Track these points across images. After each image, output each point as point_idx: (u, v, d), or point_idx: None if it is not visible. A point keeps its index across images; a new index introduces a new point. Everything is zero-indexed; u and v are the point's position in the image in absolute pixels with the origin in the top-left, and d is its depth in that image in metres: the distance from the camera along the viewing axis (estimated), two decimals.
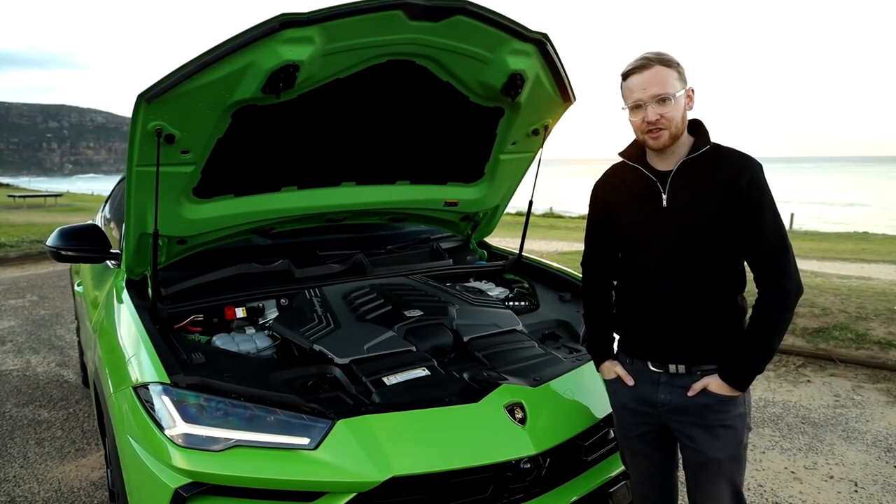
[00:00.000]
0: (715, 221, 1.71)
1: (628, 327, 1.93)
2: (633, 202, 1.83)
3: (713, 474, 1.82)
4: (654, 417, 1.88)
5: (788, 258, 1.70)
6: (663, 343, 1.82)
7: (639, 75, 1.71)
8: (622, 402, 1.95)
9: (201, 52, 1.94)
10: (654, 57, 1.71)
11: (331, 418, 1.86)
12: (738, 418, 1.80)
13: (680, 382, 1.81)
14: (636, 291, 1.86)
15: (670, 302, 1.78)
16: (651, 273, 1.81)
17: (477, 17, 2.18)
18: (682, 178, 1.75)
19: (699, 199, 1.72)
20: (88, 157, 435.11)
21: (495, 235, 3.75)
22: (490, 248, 3.65)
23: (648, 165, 1.81)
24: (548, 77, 2.56)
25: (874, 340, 5.04)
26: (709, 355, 1.78)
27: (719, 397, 1.76)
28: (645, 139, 1.75)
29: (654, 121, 1.69)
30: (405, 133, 2.72)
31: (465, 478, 1.87)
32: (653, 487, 1.99)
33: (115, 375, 2.16)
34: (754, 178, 1.68)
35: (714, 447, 1.79)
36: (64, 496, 3.09)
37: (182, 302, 2.54)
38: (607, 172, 1.96)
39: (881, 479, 3.25)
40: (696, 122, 1.80)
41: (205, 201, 2.52)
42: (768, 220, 1.69)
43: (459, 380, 2.13)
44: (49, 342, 5.73)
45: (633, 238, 1.84)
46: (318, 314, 2.49)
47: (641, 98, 1.70)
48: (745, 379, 1.74)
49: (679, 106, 1.70)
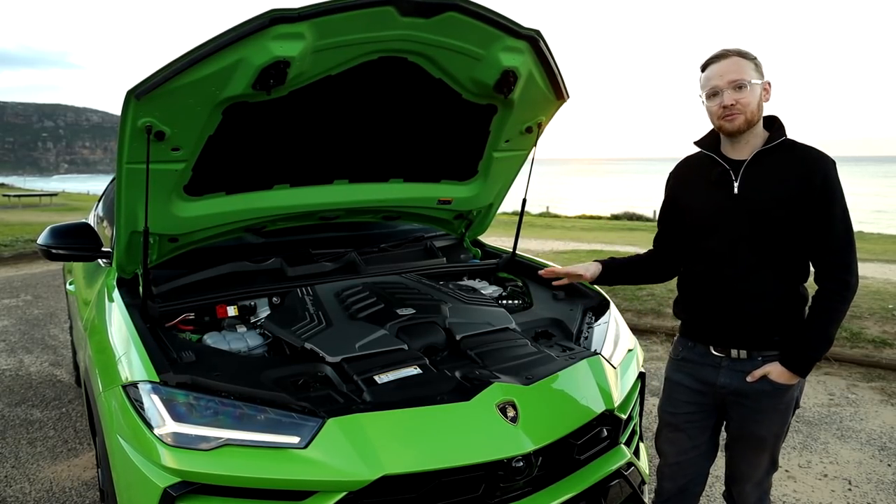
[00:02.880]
0: (785, 211, 1.79)
1: (692, 311, 2.02)
2: (704, 188, 1.93)
3: (755, 447, 1.95)
4: (710, 398, 1.99)
5: (852, 255, 1.80)
6: (726, 327, 1.90)
7: (717, 64, 1.81)
8: (680, 380, 2.04)
9: (191, 48, 1.93)
10: (732, 49, 1.82)
11: (321, 417, 1.85)
12: (789, 402, 1.91)
13: (741, 367, 1.90)
14: (702, 274, 1.95)
15: (735, 286, 1.86)
16: (718, 256, 1.89)
17: (469, 13, 2.17)
18: (756, 167, 1.84)
19: (771, 189, 1.81)
20: (84, 157, 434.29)
21: (490, 234, 3.74)
22: (484, 246, 3.64)
23: (722, 154, 1.89)
24: (541, 74, 2.55)
25: (869, 339, 5.05)
26: (770, 342, 1.87)
27: (776, 384, 1.86)
28: (721, 124, 1.83)
29: (729, 105, 1.77)
30: (398, 131, 2.71)
31: (457, 476, 1.85)
32: (683, 472, 2.08)
33: (105, 374, 2.15)
34: (828, 175, 1.77)
35: (761, 427, 1.91)
36: (55, 496, 3.07)
37: (173, 300, 2.52)
38: (682, 161, 2.09)
39: (875, 477, 3.25)
40: (773, 118, 1.89)
41: (196, 199, 2.50)
42: (837, 217, 1.78)
43: (451, 378, 2.12)
44: (42, 342, 5.71)
45: (703, 222, 1.93)
46: (309, 312, 2.48)
47: (718, 84, 1.79)
48: (807, 366, 1.84)
49: (755, 94, 1.79)
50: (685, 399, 2.03)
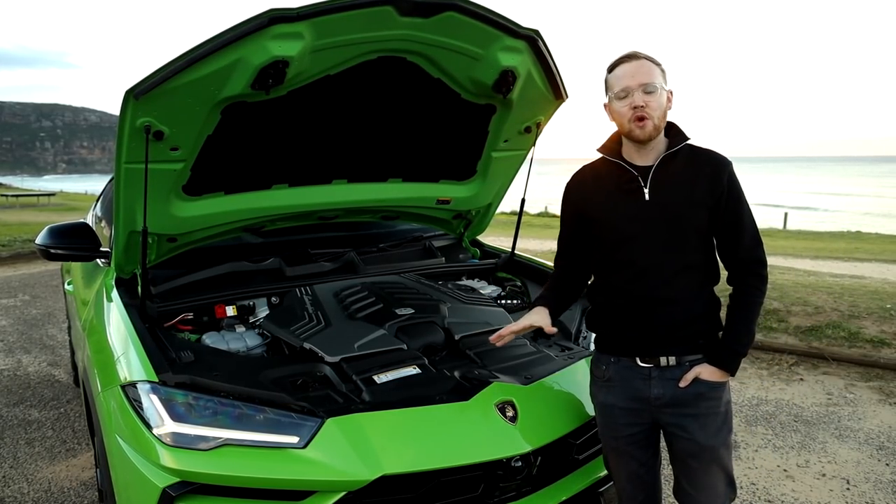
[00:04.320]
0: (699, 213, 1.78)
1: (611, 324, 1.93)
2: (613, 197, 1.86)
3: (707, 462, 1.85)
4: (646, 414, 1.89)
5: (763, 248, 1.84)
6: (653, 335, 1.84)
7: (627, 65, 1.78)
8: (612, 402, 1.93)
9: (190, 47, 1.93)
10: (641, 53, 1.80)
11: (320, 417, 1.85)
12: (727, 404, 1.87)
13: (671, 375, 1.84)
14: (622, 286, 1.86)
15: (659, 293, 1.81)
16: (638, 266, 1.82)
17: (468, 13, 2.17)
18: (663, 172, 1.81)
19: (684, 192, 1.79)
20: (82, 157, 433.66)
21: (488, 234, 3.74)
22: (483, 246, 3.64)
23: (627, 161, 1.85)
24: (539, 74, 2.56)
25: (867, 339, 5.06)
26: (695, 345, 1.85)
27: (711, 384, 1.82)
28: (630, 128, 1.77)
29: (641, 105, 1.73)
30: (397, 130, 2.71)
31: (456, 476, 1.85)
32: (640, 487, 1.99)
33: (104, 374, 2.15)
34: (732, 176, 1.80)
35: (708, 434, 1.83)
36: (54, 496, 3.07)
37: (172, 300, 2.52)
38: (579, 172, 2.00)
39: (873, 476, 3.25)
40: (671, 124, 1.87)
41: (195, 199, 2.50)
42: (745, 214, 1.81)
43: (450, 378, 2.12)
44: (40, 342, 5.70)
45: (617, 232, 1.85)
46: (308, 312, 2.48)
47: (629, 85, 1.75)
48: (736, 362, 1.83)
49: (662, 100, 1.77)
50: (623, 421, 1.91)
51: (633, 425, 1.92)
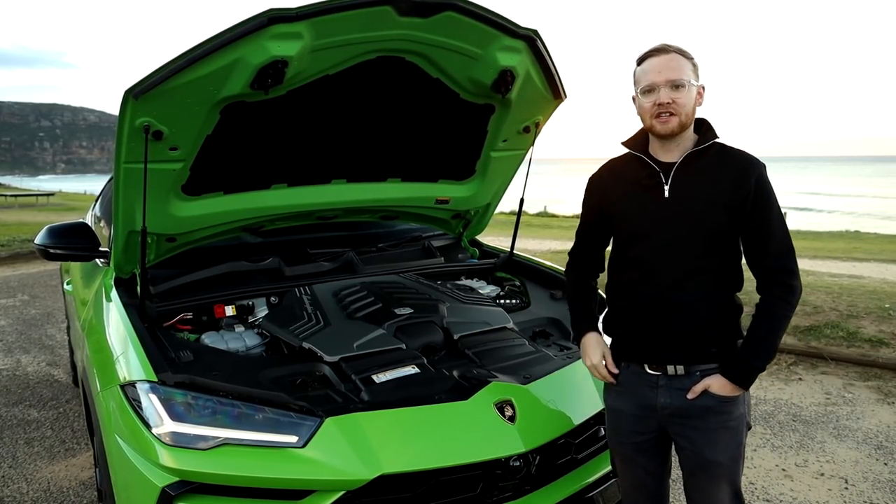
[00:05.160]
0: (722, 212, 1.68)
1: (620, 327, 1.85)
2: (632, 192, 1.79)
3: (713, 476, 1.77)
4: (653, 423, 1.82)
5: (794, 257, 1.70)
6: (659, 341, 1.75)
7: (656, 58, 1.69)
8: (620, 407, 1.87)
9: (189, 47, 1.93)
10: (672, 45, 1.70)
11: (319, 416, 1.85)
12: (739, 419, 1.76)
13: (679, 384, 1.75)
14: (629, 285, 1.80)
15: (667, 296, 1.73)
16: (648, 265, 1.75)
17: (467, 13, 2.17)
18: (687, 169, 1.72)
19: (705, 191, 1.70)
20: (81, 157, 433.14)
21: (487, 234, 3.74)
22: (482, 246, 3.65)
23: (651, 156, 1.77)
24: (538, 74, 2.56)
25: (865, 338, 5.06)
26: (707, 354, 1.73)
27: (721, 398, 1.71)
28: (653, 124, 1.71)
29: (665, 103, 1.66)
30: (396, 130, 2.71)
31: (455, 476, 1.86)
32: (645, 495, 1.93)
33: (103, 374, 2.15)
34: (761, 178, 1.69)
35: (715, 450, 1.74)
36: (53, 496, 3.06)
37: (171, 300, 2.52)
38: (604, 165, 1.93)
39: (871, 476, 3.26)
40: (702, 120, 1.79)
41: (194, 199, 2.51)
42: (775, 220, 1.69)
43: (449, 377, 2.13)
44: (39, 341, 5.70)
45: (630, 228, 1.79)
46: (307, 312, 2.48)
47: (656, 81, 1.67)
48: (751, 377, 1.70)
49: (691, 96, 1.68)
50: (630, 427, 1.86)
51: (639, 433, 1.85)
